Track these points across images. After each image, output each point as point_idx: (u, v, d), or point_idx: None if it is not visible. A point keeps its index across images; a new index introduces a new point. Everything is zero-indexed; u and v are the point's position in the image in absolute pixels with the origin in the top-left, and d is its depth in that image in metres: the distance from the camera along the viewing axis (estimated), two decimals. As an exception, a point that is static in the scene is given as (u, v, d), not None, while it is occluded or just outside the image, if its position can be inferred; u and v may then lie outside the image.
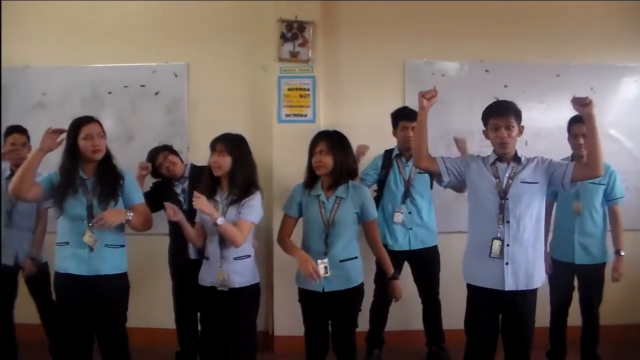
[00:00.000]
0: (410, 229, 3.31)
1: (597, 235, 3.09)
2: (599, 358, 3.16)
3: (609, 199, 3.09)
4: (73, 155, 2.51)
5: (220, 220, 2.43)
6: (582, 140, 2.98)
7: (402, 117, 3.30)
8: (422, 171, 3.18)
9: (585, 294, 3.13)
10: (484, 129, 2.49)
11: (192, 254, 3.08)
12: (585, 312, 3.14)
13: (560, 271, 3.11)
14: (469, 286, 2.51)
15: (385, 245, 3.31)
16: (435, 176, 2.59)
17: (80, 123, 2.52)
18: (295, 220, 2.69)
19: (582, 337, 3.18)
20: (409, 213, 3.31)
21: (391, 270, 2.66)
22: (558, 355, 3.25)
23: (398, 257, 3.31)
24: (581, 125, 2.97)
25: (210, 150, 2.59)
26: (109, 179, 2.56)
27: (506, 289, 2.37)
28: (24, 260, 3.18)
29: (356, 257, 2.63)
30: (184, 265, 3.11)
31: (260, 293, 2.68)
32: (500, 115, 2.41)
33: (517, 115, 2.43)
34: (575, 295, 3.17)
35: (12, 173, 3.01)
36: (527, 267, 2.39)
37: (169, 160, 3.18)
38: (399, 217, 3.29)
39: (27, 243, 3.20)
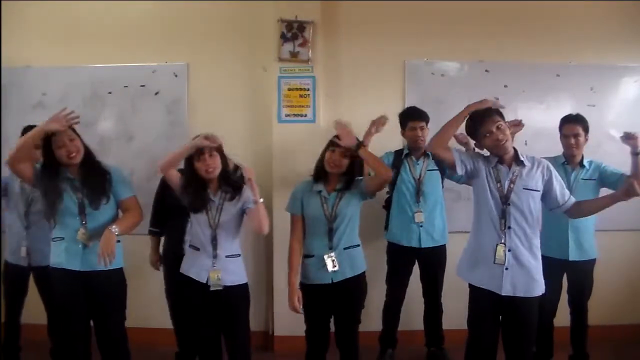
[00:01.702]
0: (421, 226, 3.30)
1: (589, 231, 3.06)
2: (588, 355, 3.17)
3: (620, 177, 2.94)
4: (53, 165, 2.54)
5: (260, 200, 2.48)
6: (572, 140, 3.00)
7: (410, 117, 3.31)
8: (435, 164, 3.25)
9: (577, 291, 3.12)
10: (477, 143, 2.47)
11: None
12: (576, 309, 3.13)
13: (552, 268, 3.04)
14: (470, 285, 2.50)
15: (397, 244, 3.35)
16: (448, 168, 2.55)
17: (47, 136, 2.52)
18: (301, 217, 2.70)
19: (572, 335, 3.17)
20: (420, 211, 3.31)
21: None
22: (545, 358, 3.18)
23: (409, 254, 3.33)
24: (573, 126, 3.01)
25: (200, 154, 2.51)
26: (94, 177, 2.57)
27: (503, 294, 2.35)
28: (38, 260, 3.09)
29: (358, 245, 2.70)
30: (176, 263, 3.05)
31: (249, 293, 2.66)
32: (486, 118, 2.37)
33: (497, 112, 2.41)
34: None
35: None
36: (527, 273, 2.37)
37: None
38: (420, 217, 3.27)
39: (42, 242, 3.03)
